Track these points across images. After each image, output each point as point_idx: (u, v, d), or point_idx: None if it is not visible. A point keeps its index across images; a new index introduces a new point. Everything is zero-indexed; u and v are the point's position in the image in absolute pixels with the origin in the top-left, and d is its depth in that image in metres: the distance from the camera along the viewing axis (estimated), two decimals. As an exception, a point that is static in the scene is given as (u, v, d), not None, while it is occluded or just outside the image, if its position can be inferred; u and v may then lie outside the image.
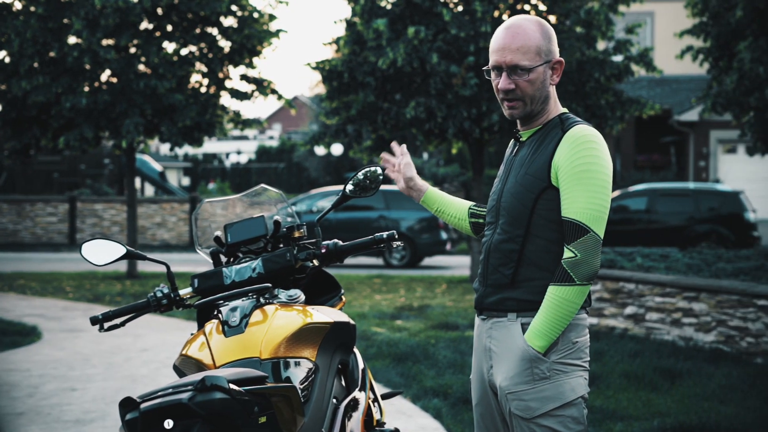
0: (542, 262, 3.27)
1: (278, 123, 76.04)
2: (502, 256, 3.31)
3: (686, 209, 20.57)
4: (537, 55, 3.28)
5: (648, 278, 10.44)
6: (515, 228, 3.29)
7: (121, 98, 16.37)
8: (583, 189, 3.18)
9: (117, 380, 8.36)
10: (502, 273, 3.31)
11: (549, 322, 3.19)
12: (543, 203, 3.26)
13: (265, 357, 3.36)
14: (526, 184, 3.28)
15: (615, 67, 16.54)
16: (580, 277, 3.16)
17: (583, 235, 3.17)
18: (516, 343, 3.27)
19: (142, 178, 37.84)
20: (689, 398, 7.55)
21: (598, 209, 3.19)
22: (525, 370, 3.24)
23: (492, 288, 3.35)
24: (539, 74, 3.29)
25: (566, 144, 3.23)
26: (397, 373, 8.43)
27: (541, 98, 3.32)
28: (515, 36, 3.28)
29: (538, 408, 3.22)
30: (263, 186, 4.38)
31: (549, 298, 3.19)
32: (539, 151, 3.30)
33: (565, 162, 3.21)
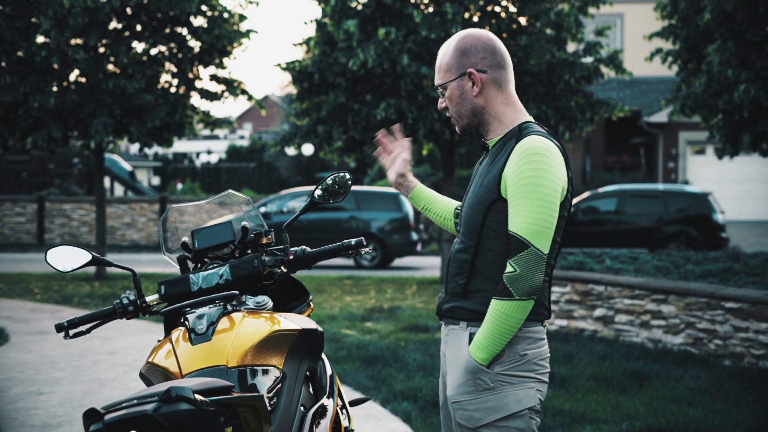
0: (493, 274, 3.26)
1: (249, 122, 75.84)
2: (458, 266, 3.33)
3: (655, 210, 20.68)
4: (447, 72, 3.34)
5: (617, 280, 10.48)
6: (469, 239, 3.30)
7: (89, 98, 16.26)
8: (527, 203, 3.15)
9: (84, 384, 8.29)
10: (456, 282, 3.33)
11: (490, 336, 3.19)
12: (493, 215, 3.25)
13: (232, 365, 3.34)
14: (479, 195, 3.28)
15: (585, 69, 16.60)
16: (520, 293, 3.14)
17: (524, 250, 3.13)
18: (463, 352, 3.29)
19: (111, 177, 37.65)
20: (658, 401, 7.58)
21: (540, 224, 3.14)
22: (468, 381, 3.26)
23: (449, 296, 3.37)
24: (453, 90, 3.34)
25: (515, 156, 3.19)
26: (367, 376, 8.41)
27: (468, 112, 3.34)
28: (437, 58, 3.39)
29: (480, 418, 3.24)
30: (231, 191, 4.35)
31: (490, 312, 3.19)
32: (494, 162, 3.28)
33: (512, 174, 3.18)
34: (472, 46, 3.31)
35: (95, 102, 16.26)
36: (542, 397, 3.32)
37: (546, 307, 3.33)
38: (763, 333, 8.69)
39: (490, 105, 3.33)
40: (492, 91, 3.33)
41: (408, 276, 19.13)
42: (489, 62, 3.32)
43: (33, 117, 16.30)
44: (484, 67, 3.31)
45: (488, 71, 3.32)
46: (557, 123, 16.46)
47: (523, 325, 3.24)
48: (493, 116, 3.34)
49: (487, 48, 3.32)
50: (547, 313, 3.35)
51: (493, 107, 3.33)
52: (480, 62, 3.31)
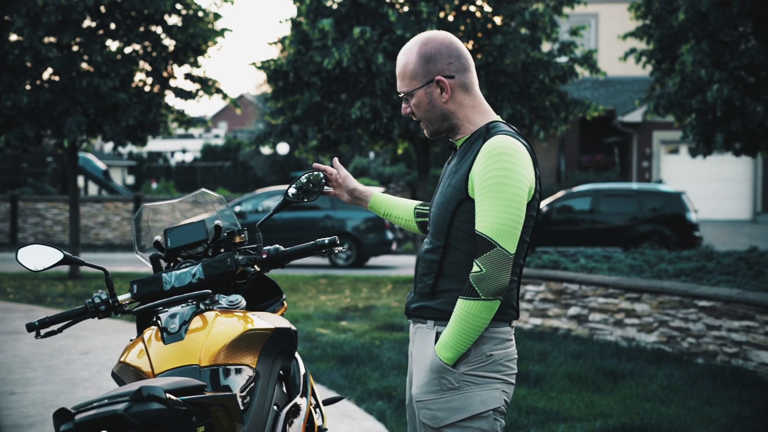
0: (460, 275, 3.25)
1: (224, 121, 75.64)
2: (426, 266, 3.32)
3: (629, 209, 20.77)
4: (412, 80, 3.30)
5: (591, 279, 10.52)
6: (437, 239, 3.29)
7: (63, 97, 16.16)
8: (493, 202, 3.13)
9: (57, 384, 8.24)
10: (425, 282, 3.32)
11: (456, 335, 3.18)
12: (460, 215, 3.24)
13: (204, 364, 3.32)
14: (447, 195, 3.27)
15: (559, 69, 16.66)
16: (485, 293, 3.12)
17: (490, 250, 3.12)
18: (429, 350, 3.28)
19: (85, 176, 37.45)
20: (631, 399, 7.61)
21: (506, 223, 3.13)
22: (433, 380, 3.24)
23: (417, 295, 3.37)
24: (420, 98, 3.31)
25: (481, 155, 3.18)
26: (342, 375, 8.41)
27: (437, 118, 3.33)
28: (398, 64, 3.35)
29: (444, 418, 3.23)
30: (204, 190, 4.33)
31: (456, 311, 3.17)
32: (462, 162, 3.27)
33: (479, 174, 3.17)
34: (437, 52, 3.28)
35: (69, 100, 16.17)
36: (508, 399, 3.31)
37: (514, 307, 3.32)
38: (735, 331, 8.74)
39: (459, 109, 3.32)
40: (460, 95, 3.32)
41: (383, 275, 19.13)
42: (455, 67, 3.29)
43: (6, 116, 16.18)
44: (452, 72, 3.29)
45: (456, 76, 3.30)
46: (532, 122, 16.50)
47: (490, 325, 3.23)
48: (463, 119, 3.33)
49: (452, 52, 3.30)
50: (514, 313, 3.33)
51: (462, 111, 3.32)
52: (447, 68, 3.29)
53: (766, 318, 8.37)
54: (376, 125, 15.98)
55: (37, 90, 16.21)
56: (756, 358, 8.47)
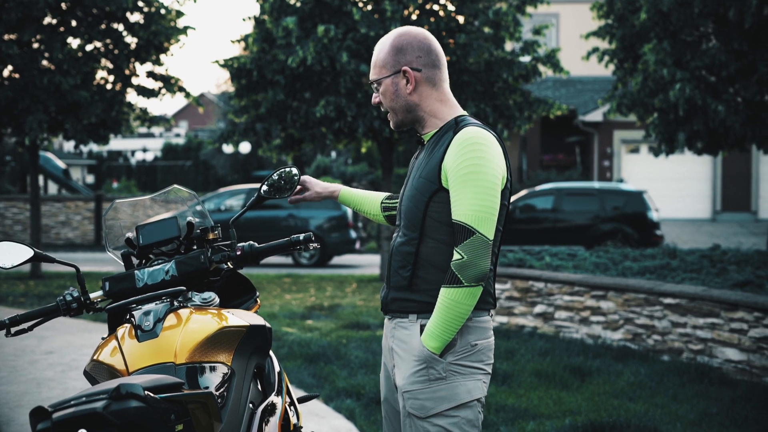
0: (438, 264, 3.31)
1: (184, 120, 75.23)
2: (402, 259, 3.37)
3: (591, 208, 20.88)
4: (382, 68, 3.40)
5: (557, 277, 10.56)
6: (411, 231, 3.35)
7: (24, 94, 15.99)
8: (469, 191, 3.21)
9: (21, 384, 8.14)
10: (401, 275, 3.37)
11: (442, 324, 3.23)
12: (434, 206, 3.29)
13: (179, 362, 3.28)
14: (419, 187, 3.33)
15: (523, 68, 16.71)
16: (468, 279, 3.18)
17: (470, 237, 3.19)
18: (414, 343, 3.32)
19: (45, 175, 37.06)
20: (599, 396, 7.64)
21: (484, 210, 3.20)
22: (421, 370, 3.29)
23: (394, 290, 3.41)
24: (387, 86, 3.40)
25: (454, 146, 3.25)
26: (309, 374, 8.37)
27: (402, 108, 3.41)
28: (373, 54, 3.45)
29: (432, 408, 3.28)
30: (176, 186, 4.28)
31: (440, 300, 3.23)
32: (432, 154, 3.33)
33: (453, 164, 3.24)
34: (408, 44, 3.37)
35: (30, 98, 16.00)
36: (486, 390, 3.39)
37: (492, 295, 3.39)
38: (700, 328, 8.80)
39: (424, 102, 3.39)
40: (426, 89, 3.39)
41: (347, 274, 19.11)
42: (424, 61, 3.38)
43: (-35, 113, 16.00)
44: (419, 65, 3.37)
45: (423, 70, 3.38)
46: (495, 121, 16.54)
47: (472, 314, 3.30)
48: (428, 113, 3.40)
49: (422, 47, 3.38)
50: (492, 301, 3.40)
51: (427, 104, 3.39)
52: (415, 60, 3.37)
53: (730, 315, 8.44)
54: (340, 124, 15.95)
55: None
56: (721, 355, 8.53)
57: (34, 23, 16.01)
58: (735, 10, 13.27)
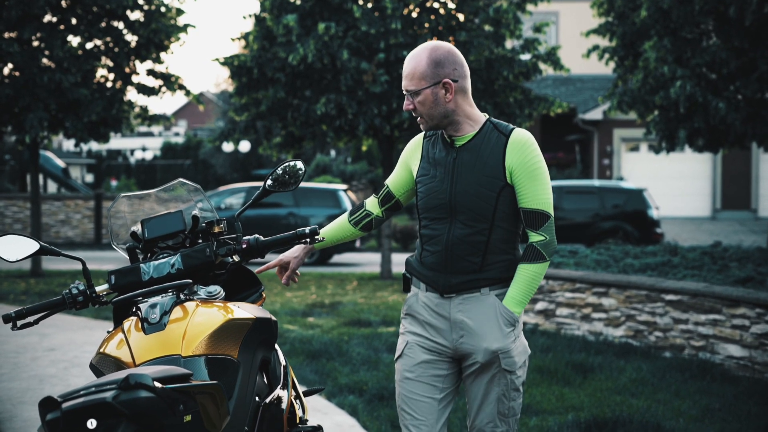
0: (504, 247, 3.83)
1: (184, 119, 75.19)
2: (470, 247, 3.81)
3: (591, 206, 20.88)
4: (421, 80, 3.78)
5: (558, 274, 10.56)
6: (479, 222, 3.79)
7: (24, 92, 15.97)
8: (538, 183, 3.77)
9: (24, 380, 8.13)
10: (470, 261, 3.81)
11: (525, 293, 3.80)
12: (503, 199, 3.79)
13: (186, 354, 3.28)
14: (485, 184, 3.77)
15: (523, 66, 16.71)
16: (549, 255, 3.81)
17: (547, 221, 3.79)
18: (494, 311, 3.82)
19: (44, 174, 37.03)
20: (601, 392, 7.64)
21: (551, 198, 3.83)
22: (510, 332, 3.81)
23: (460, 274, 3.83)
24: (427, 96, 3.79)
25: (515, 148, 3.78)
26: (312, 371, 8.37)
27: (439, 115, 3.81)
28: (408, 65, 3.82)
29: (518, 361, 3.85)
30: (181, 180, 4.28)
31: (524, 274, 3.78)
32: (487, 155, 3.80)
33: (519, 163, 3.76)
34: (444, 58, 3.77)
35: (30, 96, 15.98)
36: None
37: None
38: (702, 325, 8.80)
39: (459, 108, 3.81)
40: (460, 97, 3.81)
41: (348, 272, 19.10)
42: (459, 73, 3.79)
43: (-35, 111, 15.98)
44: (456, 77, 3.79)
45: (459, 81, 3.80)
46: (496, 119, 16.55)
47: None
48: (463, 116, 3.83)
49: (457, 60, 3.81)
50: None
51: (462, 109, 3.82)
52: (452, 73, 3.78)
53: (732, 311, 8.44)
54: (341, 121, 15.95)
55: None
56: (723, 351, 8.53)
57: (35, 21, 15.99)
58: (735, 7, 13.27)
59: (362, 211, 4.15)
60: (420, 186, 3.92)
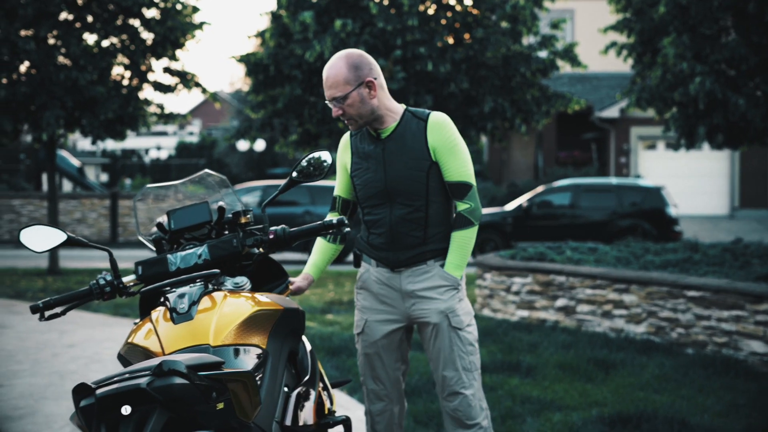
0: (441, 219, 4.25)
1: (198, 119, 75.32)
2: (411, 224, 4.21)
3: (609, 204, 20.77)
4: (346, 84, 4.08)
5: (578, 270, 10.50)
6: (415, 200, 4.19)
7: (40, 90, 15.99)
8: (458, 158, 4.19)
9: (44, 376, 8.12)
10: (413, 236, 4.22)
11: (461, 257, 4.24)
12: (432, 176, 4.19)
13: (215, 344, 3.26)
14: (414, 166, 4.17)
15: (540, 62, 16.65)
16: (476, 219, 4.23)
17: (470, 190, 4.21)
18: (437, 279, 4.24)
19: (60, 173, 37.11)
20: (624, 388, 7.58)
21: (471, 169, 4.23)
22: (454, 295, 4.25)
23: (406, 249, 4.24)
24: (354, 98, 4.09)
25: (434, 128, 4.19)
26: (332, 366, 8.34)
27: (367, 113, 4.14)
28: (329, 76, 4.13)
29: (465, 320, 4.27)
30: (207, 171, 4.25)
31: (457, 241, 4.22)
32: (411, 140, 4.19)
33: (439, 142, 4.18)
34: (360, 61, 4.11)
35: (46, 94, 16.00)
36: None
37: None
38: (725, 321, 8.73)
39: (381, 103, 4.16)
40: (381, 92, 4.17)
41: (364, 270, 19.04)
42: (375, 72, 4.15)
43: (-18, 109, 16.00)
44: (374, 75, 4.13)
45: (377, 78, 4.14)
46: (513, 116, 16.49)
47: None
48: (385, 110, 4.19)
49: (370, 61, 4.16)
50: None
51: (383, 104, 4.18)
52: (370, 72, 4.12)
53: (755, 307, 8.37)
54: (357, 119, 15.91)
55: (14, 83, 16.02)
56: (746, 348, 8.46)
57: (51, 19, 16.00)
58: (754, 3, 13.18)
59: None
60: (356, 179, 4.29)
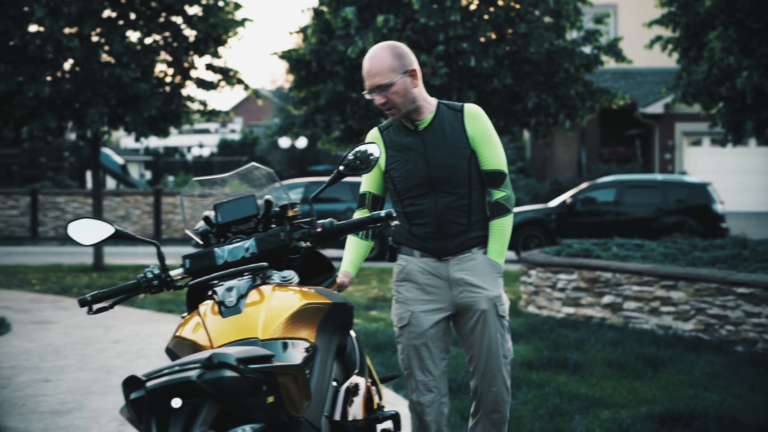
0: (480, 206, 4.38)
1: (240, 116, 75.63)
2: (457, 211, 4.30)
3: (654, 201, 20.52)
4: (391, 72, 4.18)
5: (625, 267, 10.37)
6: (458, 188, 4.29)
7: (84, 87, 16.09)
8: (494, 147, 4.34)
9: (91, 371, 8.15)
10: (459, 223, 4.31)
11: (503, 245, 4.38)
12: (472, 164, 4.32)
13: (263, 338, 3.21)
14: (456, 155, 4.28)
15: (584, 57, 16.50)
16: (512, 207, 4.37)
17: (506, 178, 4.36)
18: (485, 266, 4.35)
19: (103, 171, 37.39)
20: (673, 385, 7.46)
21: (504, 158, 4.38)
22: (500, 283, 4.39)
23: (453, 237, 4.32)
24: (399, 86, 4.19)
25: (471, 119, 4.32)
26: (377, 363, 8.29)
27: (410, 101, 4.24)
28: (372, 64, 4.22)
29: (506, 308, 4.40)
30: (254, 164, 4.22)
31: (497, 229, 4.36)
32: (450, 130, 4.30)
33: (477, 131, 4.32)
34: (402, 51, 4.23)
35: (90, 91, 16.09)
36: None
37: None
38: (776, 318, 8.59)
39: (420, 92, 4.29)
40: (420, 83, 4.30)
41: (406, 267, 18.97)
42: (415, 62, 4.28)
43: (28, 107, 16.12)
44: (415, 66, 4.26)
45: (417, 68, 4.27)
46: (557, 111, 16.35)
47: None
48: (423, 100, 4.31)
49: (410, 52, 4.30)
50: None
51: (422, 95, 4.30)
52: (412, 62, 4.25)
53: (808, 304, 8.22)
54: (400, 114, 15.85)
55: (58, 81, 16.14)
56: (798, 345, 8.32)
57: (94, 16, 16.09)
58: (804, -5, 12.98)
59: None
60: (394, 172, 4.32)
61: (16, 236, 27.56)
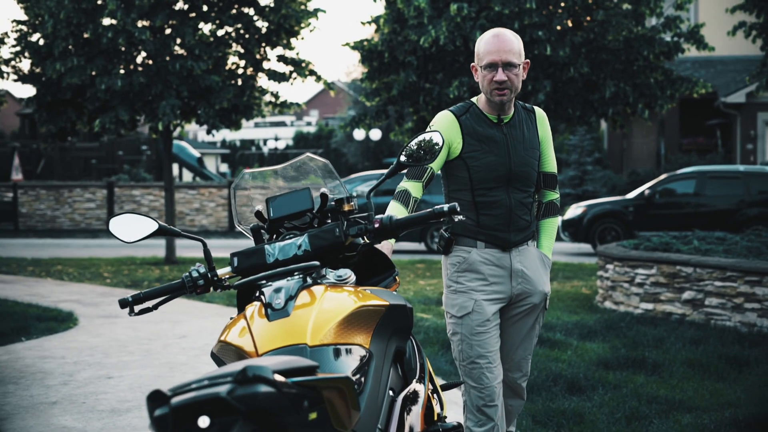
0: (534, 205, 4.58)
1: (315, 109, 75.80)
2: (524, 207, 4.47)
3: (736, 192, 19.91)
4: (520, 55, 4.32)
5: (707, 261, 9.96)
6: (529, 186, 4.49)
7: (156, 80, 16.07)
8: (552, 151, 4.60)
9: (154, 368, 8.01)
10: (524, 219, 4.48)
11: (552, 241, 4.69)
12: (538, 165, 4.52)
13: (313, 343, 2.95)
14: (532, 155, 4.46)
15: (664, 45, 16.00)
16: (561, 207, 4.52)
17: (557, 182, 4.65)
18: (539, 259, 4.57)
19: (179, 164, 37.65)
20: (760, 388, 7.08)
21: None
22: (547, 275, 4.61)
23: (518, 231, 4.47)
24: (519, 71, 4.31)
25: (542, 122, 4.52)
26: (446, 360, 8.03)
27: (518, 88, 4.35)
28: (508, 41, 4.30)
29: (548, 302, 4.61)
30: (309, 155, 3.97)
31: (550, 227, 4.65)
32: (527, 129, 4.45)
33: (546, 134, 4.54)
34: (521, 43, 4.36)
35: (162, 84, 16.07)
36: None
37: None
38: None
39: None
40: None
41: (480, 260, 18.68)
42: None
43: (100, 99, 16.16)
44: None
45: None
46: (636, 101, 15.87)
47: None
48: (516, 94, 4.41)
49: None
50: None
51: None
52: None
53: None
54: (474, 105, 15.53)
55: (130, 73, 16.15)
56: None
57: (166, 9, 16.07)
58: None
59: (413, 199, 4.37)
60: (473, 161, 4.34)
61: (92, 229, 27.82)
